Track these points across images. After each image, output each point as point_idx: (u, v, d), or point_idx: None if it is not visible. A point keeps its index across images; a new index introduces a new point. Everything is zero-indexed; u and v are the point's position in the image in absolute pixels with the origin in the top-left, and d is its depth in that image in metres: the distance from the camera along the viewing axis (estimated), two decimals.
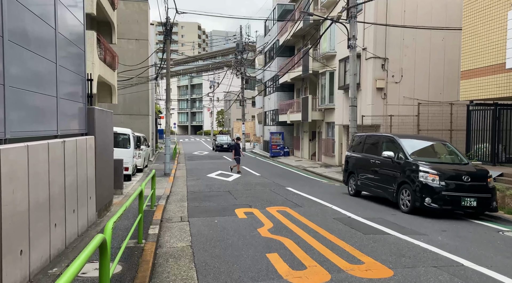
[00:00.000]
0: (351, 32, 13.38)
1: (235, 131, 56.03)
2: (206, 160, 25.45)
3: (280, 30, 28.56)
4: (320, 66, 22.20)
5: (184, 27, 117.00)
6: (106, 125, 8.05)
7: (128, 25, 24.18)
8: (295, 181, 15.22)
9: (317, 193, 11.36)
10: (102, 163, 7.60)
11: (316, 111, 22.84)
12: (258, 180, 14.87)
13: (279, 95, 30.19)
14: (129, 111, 24.57)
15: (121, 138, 13.86)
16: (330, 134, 22.12)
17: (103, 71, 15.38)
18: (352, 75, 13.48)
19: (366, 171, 10.31)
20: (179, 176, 16.40)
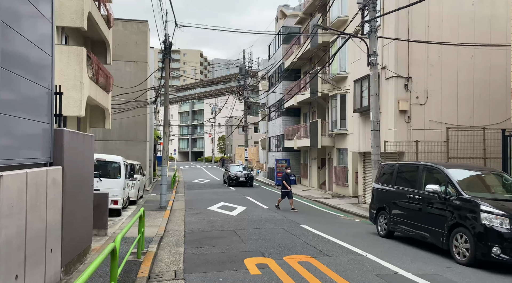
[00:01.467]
0: (371, 48, 11.93)
1: (236, 158, 54.29)
2: (206, 189, 23.59)
3: (286, 53, 27.42)
4: (330, 88, 20.77)
5: (186, 55, 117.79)
6: (82, 152, 6.35)
7: (126, 47, 22.99)
8: (309, 215, 13.35)
9: (340, 233, 9.52)
10: (74, 202, 5.85)
11: (326, 136, 21.22)
12: (267, 214, 13.02)
13: (285, 119, 28.70)
14: (125, 137, 22.98)
15: (111, 167, 12.13)
16: (342, 162, 20.38)
17: (95, 93, 13.86)
18: (373, 96, 11.91)
19: (402, 208, 8.52)
20: (177, 209, 14.55)
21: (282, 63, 28.29)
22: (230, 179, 24.92)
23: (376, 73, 11.95)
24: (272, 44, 32.53)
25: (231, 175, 25.02)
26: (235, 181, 24.69)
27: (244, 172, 25.44)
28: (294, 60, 24.91)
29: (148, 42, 24.12)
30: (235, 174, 25.03)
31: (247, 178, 24.94)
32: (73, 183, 5.80)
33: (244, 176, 25.01)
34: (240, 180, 24.74)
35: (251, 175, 25.21)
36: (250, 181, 24.93)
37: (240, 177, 24.82)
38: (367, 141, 15.00)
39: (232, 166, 27.55)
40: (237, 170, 25.73)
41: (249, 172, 25.86)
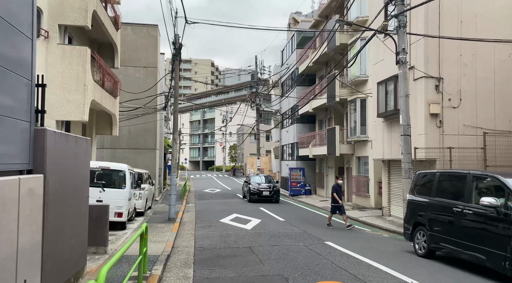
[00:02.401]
0: (400, 45, 10.82)
1: (248, 167, 53.20)
2: (218, 200, 22.52)
3: (300, 57, 26.43)
4: (348, 93, 19.63)
5: (198, 64, 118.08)
6: (74, 157, 5.35)
7: (135, 52, 22.29)
8: (330, 229, 12.15)
9: (371, 251, 8.32)
10: (61, 218, 4.84)
11: (344, 144, 20.02)
12: (284, 228, 11.85)
13: (299, 127, 27.58)
14: (134, 144, 22.13)
15: (115, 176, 11.16)
16: (362, 171, 19.12)
17: (100, 97, 13.01)
18: (403, 97, 10.76)
19: (446, 224, 7.30)
20: (187, 222, 13.49)
21: (296, 68, 27.29)
22: (252, 193, 20.18)
23: (405, 72, 10.81)
24: (285, 49, 31.61)
25: (253, 189, 20.33)
26: (257, 196, 20.07)
27: (269, 184, 20.86)
28: (310, 64, 23.85)
29: (158, 47, 23.40)
30: (257, 187, 20.47)
31: (272, 192, 20.29)
32: (60, 194, 4.79)
33: (268, 189, 20.36)
34: (264, 194, 20.11)
35: (277, 189, 20.69)
36: (276, 196, 20.43)
37: (263, 191, 20.24)
38: (392, 148, 13.80)
39: (253, 176, 22.63)
40: (260, 182, 21.24)
41: (275, 184, 21.31)
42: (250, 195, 20.36)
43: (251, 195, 20.25)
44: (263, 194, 20.12)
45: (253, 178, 22.07)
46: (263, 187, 20.49)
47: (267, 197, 20.16)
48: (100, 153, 21.13)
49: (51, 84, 11.03)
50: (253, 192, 20.24)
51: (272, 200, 20.17)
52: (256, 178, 22.10)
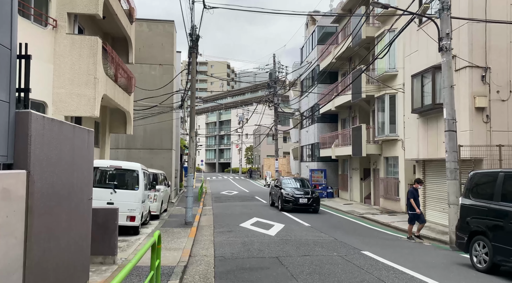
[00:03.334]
0: (443, 29, 9.60)
1: (265, 169, 52.10)
2: (235, 202, 21.52)
3: (321, 54, 25.27)
4: (375, 89, 18.38)
5: (214, 66, 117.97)
6: (71, 150, 4.40)
7: (151, 49, 21.55)
8: (362, 236, 10.95)
9: (419, 264, 7.13)
10: (51, 225, 3.87)
11: (370, 143, 18.75)
12: (312, 235, 10.72)
13: (320, 126, 26.36)
14: (149, 144, 21.36)
15: (127, 176, 10.26)
16: (391, 172, 17.81)
17: (112, 92, 12.17)
18: (447, 88, 9.52)
19: None
20: (204, 226, 12.51)
21: (317, 65, 26.12)
22: (285, 200, 16.42)
23: (450, 60, 9.58)
24: (305, 46, 30.49)
25: (287, 195, 16.55)
26: (292, 204, 16.28)
27: (306, 190, 17.12)
28: (333, 60, 22.66)
29: (175, 43, 22.62)
30: (292, 193, 16.65)
31: (311, 200, 16.39)
32: (51, 196, 3.83)
33: (306, 196, 16.47)
34: (301, 202, 16.24)
35: (317, 196, 16.92)
36: (316, 204, 16.51)
37: (300, 197, 16.33)
38: (429, 146, 12.52)
39: (284, 179, 18.76)
40: (295, 187, 17.63)
41: (313, 190, 17.69)
42: (283, 202, 16.45)
43: (285, 202, 16.40)
44: (299, 202, 16.25)
45: (285, 182, 18.25)
46: (300, 193, 16.72)
47: (305, 206, 16.31)
48: (115, 154, 20.43)
49: (60, 77, 10.25)
50: (287, 199, 16.39)
51: (310, 210, 16.44)
52: (289, 182, 18.43)
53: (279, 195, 17.03)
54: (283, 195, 16.68)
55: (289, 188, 17.36)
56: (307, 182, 18.92)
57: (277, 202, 17.61)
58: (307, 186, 18.20)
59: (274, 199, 18.31)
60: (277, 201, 17.37)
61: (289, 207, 16.34)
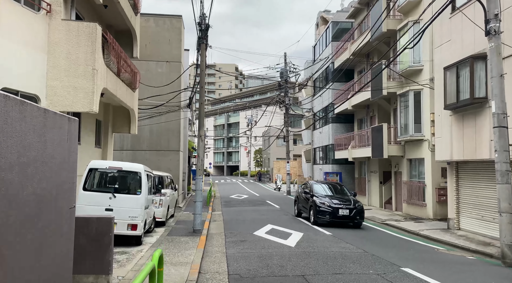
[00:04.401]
0: (491, 9, 8.33)
1: (275, 172, 50.90)
2: (246, 207, 20.32)
3: (336, 51, 24.03)
4: (397, 85, 17.08)
5: (222, 69, 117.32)
6: (42, 144, 3.24)
7: (158, 45, 20.53)
8: (396, 248, 9.65)
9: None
10: (5, 245, 2.69)
11: (391, 144, 17.42)
12: (337, 246, 9.46)
13: (334, 127, 25.07)
14: (156, 146, 20.28)
15: (129, 179, 9.13)
16: (415, 175, 16.46)
17: (114, 86, 11.08)
18: (496, 77, 8.24)
19: None
20: (214, 234, 11.32)
21: (331, 62, 24.88)
22: (321, 211, 13.09)
23: (499, 45, 8.29)
24: (318, 44, 29.28)
25: (322, 205, 13.20)
26: (330, 217, 12.95)
27: (345, 199, 13.75)
28: (350, 56, 21.43)
29: (183, 40, 21.58)
30: (329, 202, 13.21)
31: (354, 212, 13.02)
32: (7, 205, 2.66)
33: (348, 206, 13.11)
34: (341, 215, 12.92)
35: (360, 206, 13.40)
36: (359, 217, 13.14)
37: (340, 208, 12.99)
38: (465, 146, 11.20)
39: (316, 185, 15.07)
40: (330, 195, 14.15)
41: (355, 199, 13.87)
42: (317, 214, 13.10)
43: (319, 214, 13.05)
44: (339, 213, 12.92)
45: (318, 187, 14.69)
46: (339, 202, 13.22)
47: (346, 219, 12.98)
48: (120, 155, 19.40)
49: (54, 68, 9.19)
50: (322, 210, 13.04)
51: (349, 223, 13.13)
52: (322, 187, 14.84)
53: (311, 205, 13.55)
54: (317, 205, 13.21)
55: (324, 195, 14.02)
56: (344, 188, 15.27)
57: (306, 213, 14.39)
58: (345, 192, 14.67)
59: (303, 209, 14.95)
60: (307, 211, 14.09)
61: (326, 220, 12.95)
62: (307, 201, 14.31)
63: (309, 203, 13.98)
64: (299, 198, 15.62)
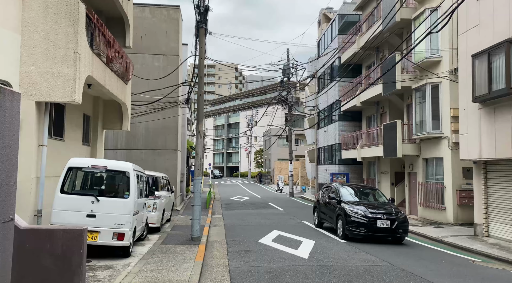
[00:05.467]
0: None
1: (276, 173, 49.61)
2: (248, 210, 19.07)
3: (343, 45, 22.78)
4: (412, 78, 15.81)
5: (221, 69, 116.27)
6: None
7: (154, 37, 19.25)
8: (425, 260, 8.35)
9: None
10: None
11: (405, 142, 16.14)
12: (357, 257, 8.18)
13: (341, 125, 23.79)
14: (152, 145, 18.98)
15: (115, 180, 7.85)
16: (432, 176, 15.19)
17: (102, 76, 9.80)
18: None
19: None
20: (215, 242, 10.04)
21: (338, 57, 23.62)
22: (351, 222, 10.33)
23: None
24: (322, 39, 28.03)
25: (355, 214, 10.41)
26: (366, 229, 10.18)
27: (384, 207, 10.91)
28: (358, 50, 20.17)
29: (181, 32, 20.32)
30: (364, 211, 10.39)
31: (396, 224, 10.23)
32: None
33: (387, 216, 10.31)
34: (380, 226, 10.15)
35: (404, 216, 10.66)
36: (403, 229, 10.39)
37: (378, 218, 10.21)
38: (498, 143, 9.94)
39: (343, 188, 12.12)
40: (366, 202, 11.43)
41: (395, 207, 11.22)
42: (348, 226, 10.33)
43: (352, 226, 10.27)
44: (377, 225, 10.10)
45: (346, 191, 11.84)
46: (376, 211, 10.40)
47: (385, 232, 10.17)
48: (113, 155, 18.11)
49: (30, 51, 7.92)
50: (355, 221, 10.25)
51: (389, 238, 10.40)
52: (350, 192, 11.92)
53: (339, 213, 10.80)
54: (347, 214, 10.44)
55: (355, 201, 11.23)
56: (379, 192, 12.42)
57: (331, 223, 11.65)
58: (380, 198, 11.91)
59: (326, 219, 12.19)
60: (333, 221, 11.33)
61: (360, 234, 10.17)
62: (332, 209, 11.49)
63: (336, 212, 11.11)
64: (320, 205, 12.78)
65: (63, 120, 10.22)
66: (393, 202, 12.11)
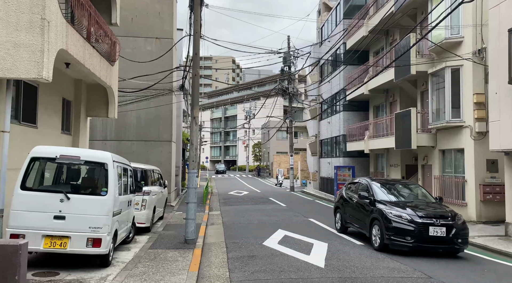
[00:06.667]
0: None
1: (275, 166, 48.35)
2: (248, 205, 17.79)
3: (349, 30, 21.31)
4: (428, 61, 14.43)
5: (219, 61, 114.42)
6: None
7: (146, 19, 17.75)
8: (467, 271, 7.05)
9: None
10: None
11: (419, 133, 14.80)
12: (385, 266, 6.88)
13: (346, 116, 22.42)
14: (144, 135, 17.55)
15: (90, 174, 6.46)
16: (450, 169, 13.89)
17: (82, 53, 8.32)
18: None
19: None
20: (213, 244, 8.72)
21: (343, 43, 22.19)
22: (393, 229, 7.97)
23: None
24: (326, 24, 26.53)
25: (397, 219, 8.04)
26: (414, 239, 7.81)
27: (434, 209, 8.48)
28: (366, 34, 18.75)
29: (175, 13, 18.81)
30: (410, 215, 8.02)
31: (453, 231, 7.90)
32: None
33: (442, 222, 7.91)
34: (432, 235, 7.80)
35: (462, 221, 8.29)
36: (462, 239, 8.04)
37: (430, 224, 7.85)
38: None
39: (375, 184, 9.61)
40: (409, 203, 8.88)
41: (450, 209, 8.79)
42: (389, 233, 8.01)
43: (395, 234, 7.96)
44: (429, 233, 7.82)
45: (380, 188, 9.40)
46: (426, 215, 8.08)
47: (440, 243, 7.91)
48: (102, 146, 16.66)
49: None
50: (399, 228, 7.96)
51: (442, 250, 8.07)
52: (386, 189, 9.47)
53: (375, 217, 8.47)
54: (387, 218, 8.10)
55: (394, 201, 8.85)
56: (423, 190, 10.13)
57: (361, 228, 9.27)
58: (426, 197, 9.58)
59: (354, 223, 9.74)
60: (365, 226, 8.95)
61: (406, 245, 7.83)
62: (364, 211, 9.13)
63: (370, 215, 8.71)
64: (345, 205, 10.36)
65: (35, 104, 8.79)
66: (442, 201, 9.57)
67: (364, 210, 9.14)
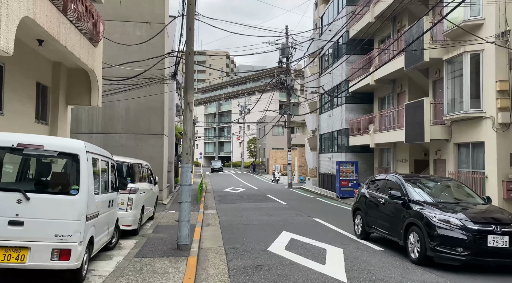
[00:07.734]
0: None
1: (271, 162, 47.16)
2: (246, 203, 16.60)
3: (352, 17, 20.10)
4: (443, 46, 13.27)
5: (212, 56, 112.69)
6: None
7: (135, 2, 16.37)
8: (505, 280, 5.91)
9: None
10: None
11: (431, 125, 13.67)
12: (416, 280, 5.71)
13: (349, 108, 21.26)
14: (134, 128, 16.21)
15: (56, 167, 5.18)
16: (468, 164, 12.78)
17: (56, 27, 6.97)
18: None
19: None
20: (210, 251, 7.49)
21: (346, 31, 20.99)
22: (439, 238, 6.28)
23: None
24: (326, 13, 25.28)
25: (443, 225, 6.34)
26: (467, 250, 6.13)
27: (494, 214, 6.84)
28: (372, 20, 17.56)
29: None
30: (460, 221, 6.34)
31: None
32: None
33: (503, 229, 6.21)
34: (491, 246, 6.12)
35: None
36: None
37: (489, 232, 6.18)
38: None
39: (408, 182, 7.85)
40: (448, 202, 7.40)
41: (508, 212, 7.30)
42: (434, 243, 6.33)
43: (441, 244, 6.29)
44: (488, 243, 6.16)
45: (413, 186, 7.77)
46: (482, 221, 6.39)
47: (503, 255, 6.17)
48: (88, 139, 15.18)
49: None
50: (449, 236, 6.27)
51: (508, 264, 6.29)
52: (422, 188, 7.89)
53: (414, 221, 6.85)
54: (430, 224, 6.47)
55: (433, 202, 7.18)
56: (466, 188, 8.48)
57: (395, 236, 7.47)
58: (472, 197, 7.92)
59: (379, 226, 8.15)
60: (401, 234, 7.15)
61: (459, 258, 6.20)
62: (396, 213, 7.53)
63: (406, 219, 7.07)
64: (369, 206, 8.72)
65: (0, 86, 7.48)
66: (491, 201, 7.83)
67: (396, 213, 7.50)
